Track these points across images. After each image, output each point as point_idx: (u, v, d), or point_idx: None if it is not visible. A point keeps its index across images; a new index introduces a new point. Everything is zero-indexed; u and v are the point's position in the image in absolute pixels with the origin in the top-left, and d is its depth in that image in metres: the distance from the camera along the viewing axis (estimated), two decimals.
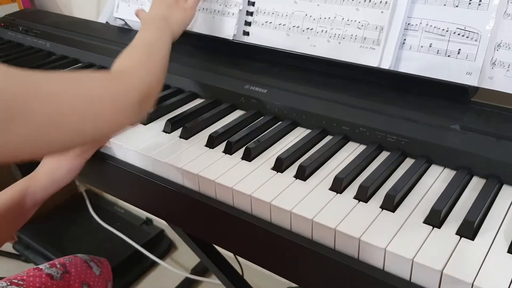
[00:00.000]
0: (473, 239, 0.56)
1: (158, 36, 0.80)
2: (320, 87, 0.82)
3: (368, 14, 0.83)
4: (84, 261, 0.98)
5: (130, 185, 0.81)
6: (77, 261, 0.97)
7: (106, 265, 1.04)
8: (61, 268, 0.93)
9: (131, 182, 0.80)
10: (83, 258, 0.99)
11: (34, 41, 1.19)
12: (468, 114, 0.73)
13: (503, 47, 0.73)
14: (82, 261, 0.97)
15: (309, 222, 0.60)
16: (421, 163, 0.68)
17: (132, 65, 0.69)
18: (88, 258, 1.01)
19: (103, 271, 1.00)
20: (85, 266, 0.97)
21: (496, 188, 0.63)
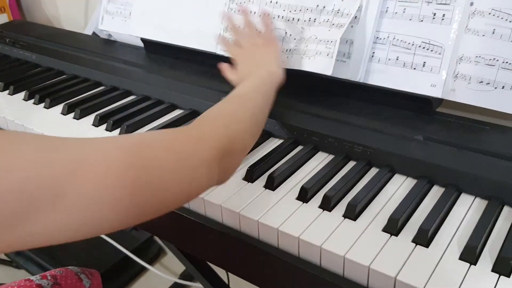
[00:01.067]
0: (427, 247, 0.59)
1: (251, 85, 0.72)
2: (293, 99, 0.85)
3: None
4: (75, 273, 1.00)
5: None
6: (68, 273, 0.99)
7: (96, 276, 1.06)
8: (52, 280, 0.95)
9: None
10: (74, 270, 1.02)
11: (21, 53, 1.22)
12: (431, 125, 0.76)
13: (464, 61, 0.76)
14: (73, 274, 1.00)
15: (275, 231, 0.63)
16: (384, 172, 0.71)
17: (210, 116, 0.60)
18: (79, 270, 1.03)
19: (93, 283, 1.02)
20: (76, 278, 0.99)
21: (454, 196, 0.66)
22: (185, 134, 0.53)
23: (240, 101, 0.67)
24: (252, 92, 0.70)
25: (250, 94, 0.69)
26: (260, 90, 0.71)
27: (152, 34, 1.10)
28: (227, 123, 0.58)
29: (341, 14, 0.84)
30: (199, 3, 1.02)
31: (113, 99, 0.99)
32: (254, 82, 0.73)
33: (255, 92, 0.70)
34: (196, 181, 0.51)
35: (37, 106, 1.01)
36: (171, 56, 1.08)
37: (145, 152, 0.46)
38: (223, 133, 0.56)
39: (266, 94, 0.72)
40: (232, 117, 0.61)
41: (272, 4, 0.92)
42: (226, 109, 0.63)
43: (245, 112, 0.63)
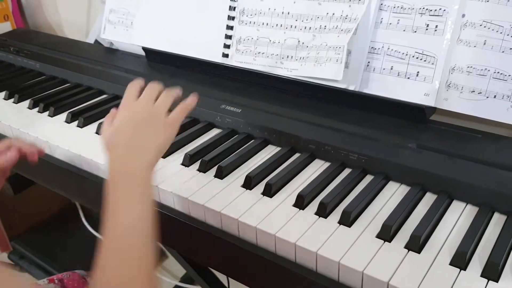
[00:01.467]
0: (419, 252, 0.61)
1: (131, 212, 0.61)
2: (290, 108, 0.88)
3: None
4: (82, 276, 1.03)
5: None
6: (75, 277, 1.02)
7: None
8: (59, 284, 0.98)
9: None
10: (80, 274, 1.04)
11: (25, 61, 1.25)
12: (425, 133, 0.79)
13: (456, 71, 0.78)
14: (79, 277, 1.02)
15: (272, 237, 0.65)
16: (378, 180, 0.73)
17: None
18: (86, 274, 1.06)
19: None
20: (82, 281, 1.02)
21: (446, 203, 0.69)
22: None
23: (124, 254, 0.59)
24: (129, 229, 0.60)
25: (132, 234, 0.59)
26: (140, 215, 0.61)
27: (153, 43, 1.12)
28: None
29: (349, 20, 0.86)
30: (200, 12, 1.05)
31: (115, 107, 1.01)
32: (132, 202, 0.62)
33: (135, 227, 0.60)
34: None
35: (41, 114, 1.03)
36: (172, 65, 1.11)
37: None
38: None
39: (147, 212, 0.62)
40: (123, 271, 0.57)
41: (284, 15, 0.94)
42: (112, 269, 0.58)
43: (132, 265, 0.58)
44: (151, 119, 0.69)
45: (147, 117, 0.69)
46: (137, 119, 0.69)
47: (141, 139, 0.67)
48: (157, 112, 0.70)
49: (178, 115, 0.72)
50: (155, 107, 0.71)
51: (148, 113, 0.70)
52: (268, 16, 0.97)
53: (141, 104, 0.71)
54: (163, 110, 0.71)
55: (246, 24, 0.99)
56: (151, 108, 0.71)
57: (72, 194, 0.94)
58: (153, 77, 1.04)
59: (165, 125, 0.70)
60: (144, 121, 0.69)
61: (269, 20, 0.97)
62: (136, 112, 0.70)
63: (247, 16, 0.99)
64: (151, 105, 0.71)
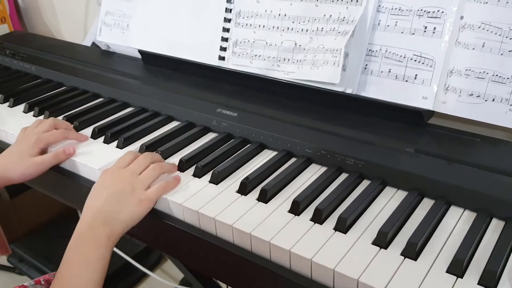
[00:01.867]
0: (416, 260, 0.60)
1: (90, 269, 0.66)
2: (286, 111, 0.87)
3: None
4: None
5: None
6: None
7: None
8: (45, 284, 0.97)
9: None
10: None
11: (21, 64, 1.24)
12: (423, 137, 0.77)
13: (455, 74, 0.77)
14: None
15: (267, 244, 0.64)
16: (375, 185, 0.72)
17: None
18: None
19: None
20: None
21: (444, 208, 0.68)
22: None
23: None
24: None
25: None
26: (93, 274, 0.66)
27: (149, 46, 1.11)
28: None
29: (346, 22, 0.85)
30: (196, 15, 1.04)
31: (111, 111, 1.00)
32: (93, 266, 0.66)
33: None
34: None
35: (36, 118, 1.02)
36: (168, 68, 1.10)
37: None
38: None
39: (98, 278, 0.66)
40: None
41: (280, 17, 0.93)
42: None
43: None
44: (129, 191, 0.72)
45: (125, 188, 0.72)
46: (115, 188, 0.72)
47: (112, 209, 0.70)
48: (137, 185, 0.73)
49: (157, 192, 0.74)
50: (138, 179, 0.74)
51: (128, 184, 0.73)
52: (265, 18, 0.96)
53: (125, 174, 0.75)
54: (144, 184, 0.74)
55: (243, 26, 0.98)
56: (132, 180, 0.73)
57: (67, 199, 0.93)
58: (149, 81, 1.04)
59: (141, 200, 0.72)
60: (121, 192, 0.72)
61: (266, 22, 0.96)
62: (117, 181, 0.73)
63: (243, 18, 0.98)
64: (134, 177, 0.74)
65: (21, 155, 0.84)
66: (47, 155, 0.85)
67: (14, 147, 0.87)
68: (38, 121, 0.91)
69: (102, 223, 0.69)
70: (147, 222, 0.73)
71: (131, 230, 0.72)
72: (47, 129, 0.88)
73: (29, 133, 0.88)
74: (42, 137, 0.86)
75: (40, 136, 0.86)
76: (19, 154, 0.84)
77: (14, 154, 0.85)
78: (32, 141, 0.85)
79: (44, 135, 0.87)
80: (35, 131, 0.88)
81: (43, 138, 0.86)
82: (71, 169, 0.87)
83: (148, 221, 0.74)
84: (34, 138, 0.86)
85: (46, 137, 0.87)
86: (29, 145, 0.85)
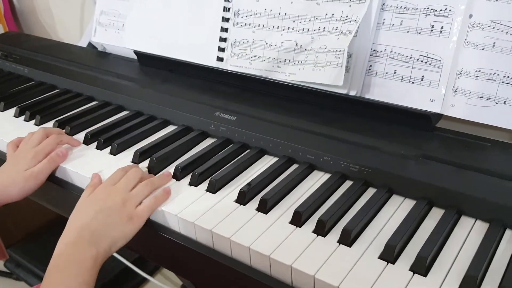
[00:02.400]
0: (426, 276, 0.56)
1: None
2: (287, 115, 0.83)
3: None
4: None
5: None
6: None
7: None
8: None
9: None
10: None
11: (13, 66, 1.21)
12: (431, 142, 0.74)
13: (464, 75, 0.73)
14: None
15: (267, 259, 0.60)
16: (381, 193, 0.68)
17: None
18: None
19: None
20: None
21: (454, 219, 0.64)
22: None
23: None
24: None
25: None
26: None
27: (145, 47, 1.08)
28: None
29: (349, 21, 0.81)
30: (193, 15, 1.00)
31: (105, 115, 0.97)
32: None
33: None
34: None
35: (27, 123, 0.98)
36: (164, 69, 1.06)
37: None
38: None
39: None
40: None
41: (281, 16, 0.89)
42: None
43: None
44: (120, 207, 0.68)
45: (116, 204, 0.68)
46: (106, 204, 0.68)
47: (100, 226, 0.66)
48: (128, 201, 0.69)
49: (148, 209, 0.69)
50: (129, 196, 0.70)
51: (119, 200, 0.69)
52: (264, 17, 0.92)
53: (116, 190, 0.70)
54: (136, 201, 0.70)
55: (241, 26, 0.95)
56: (124, 196, 0.69)
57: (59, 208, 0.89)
58: (145, 83, 1.00)
59: (132, 217, 0.68)
60: (112, 208, 0.68)
61: (265, 21, 0.92)
62: (108, 196, 0.69)
63: (242, 17, 0.94)
64: (126, 193, 0.70)
65: (18, 171, 0.79)
66: (42, 163, 0.80)
67: (8, 164, 0.82)
68: (29, 135, 0.86)
69: (88, 242, 0.64)
70: (141, 233, 0.70)
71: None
72: (40, 141, 0.84)
73: (23, 149, 0.83)
74: (38, 150, 0.82)
75: (37, 149, 0.82)
76: (16, 170, 0.80)
77: (11, 170, 0.80)
78: (29, 157, 0.81)
79: (40, 147, 0.82)
80: (28, 146, 0.83)
81: (40, 150, 0.82)
82: (62, 177, 0.83)
83: (143, 233, 0.70)
84: (31, 154, 0.81)
85: (42, 148, 0.82)
86: (27, 160, 0.80)
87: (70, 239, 0.66)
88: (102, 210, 0.67)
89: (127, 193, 0.70)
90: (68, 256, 0.63)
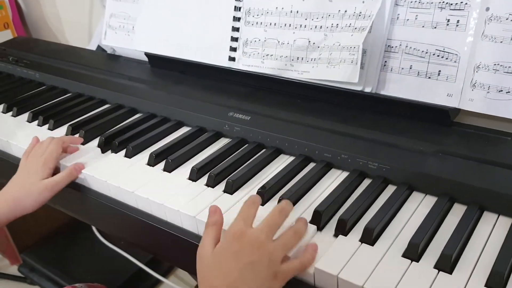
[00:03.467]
0: (451, 273, 0.55)
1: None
2: (302, 113, 0.82)
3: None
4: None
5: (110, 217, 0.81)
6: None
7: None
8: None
9: (111, 214, 0.79)
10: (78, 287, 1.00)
11: (24, 71, 1.21)
12: (449, 137, 0.73)
13: (482, 69, 0.72)
14: None
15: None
16: (402, 191, 0.67)
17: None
18: (85, 287, 1.02)
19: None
20: None
21: (477, 215, 0.63)
22: None
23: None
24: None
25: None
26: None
27: (156, 48, 1.07)
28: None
29: (362, 17, 0.80)
30: (204, 14, 1.00)
31: (118, 118, 0.96)
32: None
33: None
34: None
35: (41, 128, 0.98)
36: (176, 70, 1.05)
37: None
38: None
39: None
40: None
41: (293, 14, 0.88)
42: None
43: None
44: (267, 263, 0.55)
45: (262, 259, 0.55)
46: (251, 258, 0.55)
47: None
48: (273, 255, 0.56)
49: (296, 268, 0.57)
50: (274, 247, 0.57)
51: (266, 254, 0.55)
52: (276, 16, 0.91)
53: (258, 239, 0.56)
54: (282, 254, 0.57)
55: (253, 25, 0.94)
56: (269, 248, 0.56)
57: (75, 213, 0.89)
58: (157, 85, 1.00)
59: (277, 274, 0.56)
60: (259, 265, 0.55)
61: (277, 19, 0.91)
62: (250, 248, 0.56)
63: (253, 16, 0.94)
64: (270, 243, 0.57)
65: (32, 181, 0.79)
66: (60, 175, 0.80)
67: (21, 176, 0.81)
68: (37, 145, 0.85)
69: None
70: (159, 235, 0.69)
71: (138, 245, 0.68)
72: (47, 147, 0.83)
73: (32, 158, 0.83)
74: (47, 156, 0.81)
75: (46, 156, 0.81)
76: (30, 181, 0.79)
77: (25, 181, 0.80)
78: (40, 164, 0.80)
79: (47, 154, 0.82)
80: (38, 153, 0.83)
81: (48, 157, 0.81)
82: (78, 181, 0.82)
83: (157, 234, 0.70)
84: (41, 161, 0.81)
85: (49, 154, 0.82)
86: (38, 169, 0.80)
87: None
88: (247, 266, 0.55)
89: (272, 244, 0.57)
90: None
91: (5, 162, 0.86)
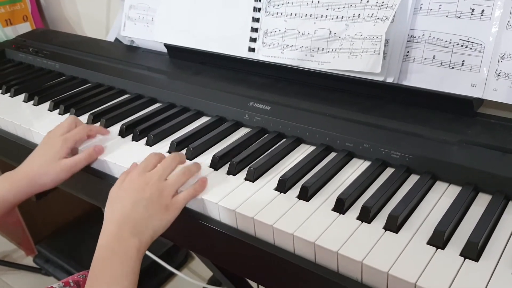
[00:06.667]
0: (477, 261, 0.55)
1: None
2: (323, 103, 0.82)
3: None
4: None
5: None
6: None
7: None
8: (74, 286, 0.94)
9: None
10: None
11: (44, 62, 1.21)
12: (473, 127, 0.72)
13: (507, 58, 0.72)
14: None
15: (311, 245, 0.60)
16: (425, 180, 0.67)
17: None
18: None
19: None
20: None
21: (502, 204, 0.62)
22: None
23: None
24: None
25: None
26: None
27: (175, 40, 1.07)
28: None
29: (385, 7, 0.80)
30: (224, 5, 1.00)
31: (138, 107, 0.97)
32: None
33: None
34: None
35: (62, 116, 0.99)
36: (195, 61, 1.06)
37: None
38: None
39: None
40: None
41: (314, 4, 0.88)
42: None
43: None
44: (157, 198, 0.68)
45: (152, 195, 0.68)
46: (144, 194, 0.68)
47: (140, 217, 0.66)
48: (165, 191, 0.69)
49: (184, 200, 0.69)
50: (165, 185, 0.69)
51: (155, 190, 0.68)
52: (296, 6, 0.91)
53: (152, 179, 0.69)
54: (172, 190, 0.69)
55: (273, 16, 0.94)
56: (160, 185, 0.69)
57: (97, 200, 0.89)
58: (177, 75, 1.00)
59: (168, 206, 0.68)
60: (150, 198, 0.67)
61: (298, 10, 0.91)
62: (144, 185, 0.69)
63: (273, 6, 0.94)
64: (162, 182, 0.69)
65: (50, 160, 0.79)
66: (78, 156, 0.81)
67: (40, 152, 0.82)
68: (59, 124, 0.86)
69: (131, 234, 0.64)
70: (180, 222, 0.69)
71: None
72: (69, 128, 0.84)
73: (52, 136, 0.83)
74: (68, 136, 0.82)
75: (66, 136, 0.82)
76: (48, 158, 0.80)
77: (43, 159, 0.80)
78: (59, 144, 0.81)
79: (70, 134, 0.83)
80: (58, 132, 0.83)
81: (70, 137, 0.82)
82: (101, 168, 0.83)
83: (182, 221, 0.70)
84: (61, 140, 0.81)
85: (72, 136, 0.83)
86: (57, 148, 0.80)
87: (112, 230, 0.65)
88: (141, 200, 0.67)
89: (164, 183, 0.70)
90: (112, 247, 0.64)
91: (27, 149, 0.87)
